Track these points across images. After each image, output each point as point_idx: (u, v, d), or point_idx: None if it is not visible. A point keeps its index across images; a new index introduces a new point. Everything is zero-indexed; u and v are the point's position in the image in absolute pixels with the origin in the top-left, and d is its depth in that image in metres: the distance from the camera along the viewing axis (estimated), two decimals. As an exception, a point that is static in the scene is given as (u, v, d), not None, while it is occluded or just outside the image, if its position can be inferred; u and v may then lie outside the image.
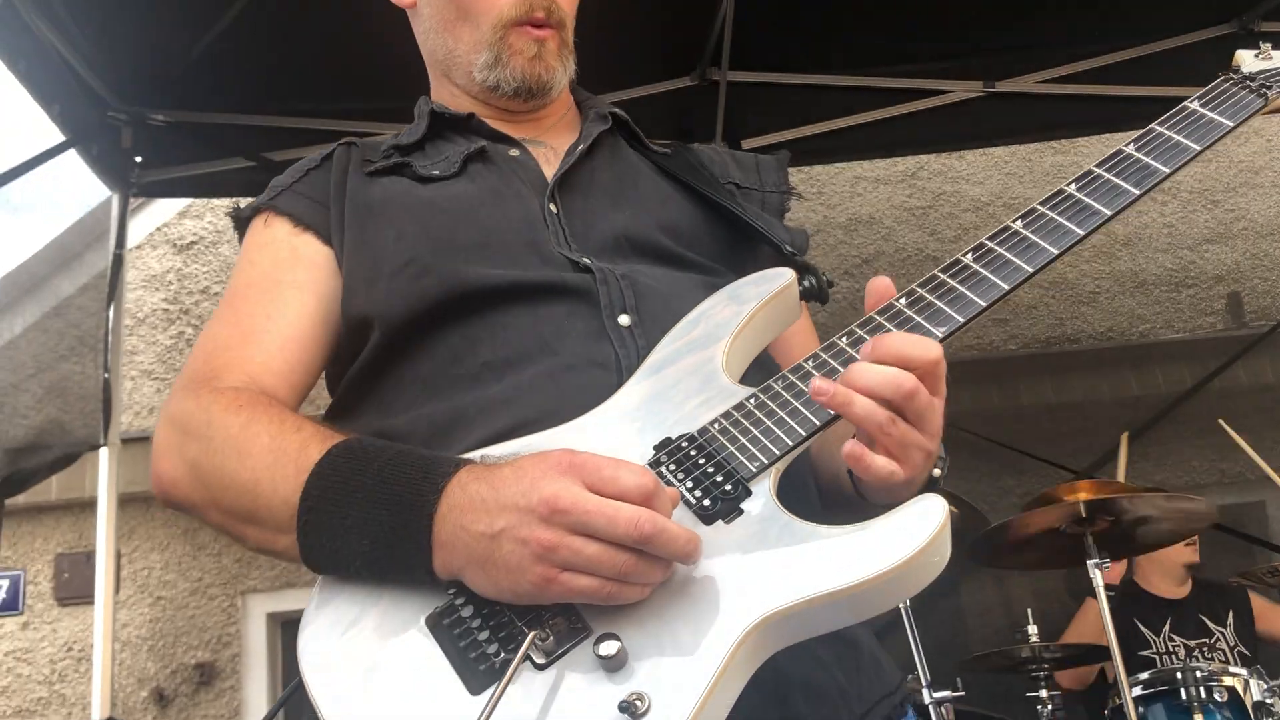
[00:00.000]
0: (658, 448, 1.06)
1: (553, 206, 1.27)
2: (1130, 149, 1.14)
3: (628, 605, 0.95)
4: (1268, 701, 2.86)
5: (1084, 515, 2.99)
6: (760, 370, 1.16)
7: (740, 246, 1.32)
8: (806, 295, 1.21)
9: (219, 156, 3.97)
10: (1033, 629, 3.26)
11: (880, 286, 1.08)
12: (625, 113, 1.45)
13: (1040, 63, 4.19)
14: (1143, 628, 3.86)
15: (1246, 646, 3.77)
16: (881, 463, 0.99)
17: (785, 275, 1.18)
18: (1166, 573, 4.03)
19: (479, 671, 0.95)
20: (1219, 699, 2.89)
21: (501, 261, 1.20)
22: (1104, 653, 3.05)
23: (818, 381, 1.00)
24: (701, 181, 1.35)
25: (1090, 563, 2.95)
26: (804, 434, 1.03)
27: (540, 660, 0.94)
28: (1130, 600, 3.98)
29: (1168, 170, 1.12)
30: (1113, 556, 3.10)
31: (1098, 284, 5.41)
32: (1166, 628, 3.85)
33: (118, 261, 3.93)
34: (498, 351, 1.17)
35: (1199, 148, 1.13)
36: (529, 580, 0.92)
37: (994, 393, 5.17)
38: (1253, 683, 2.93)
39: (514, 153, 1.34)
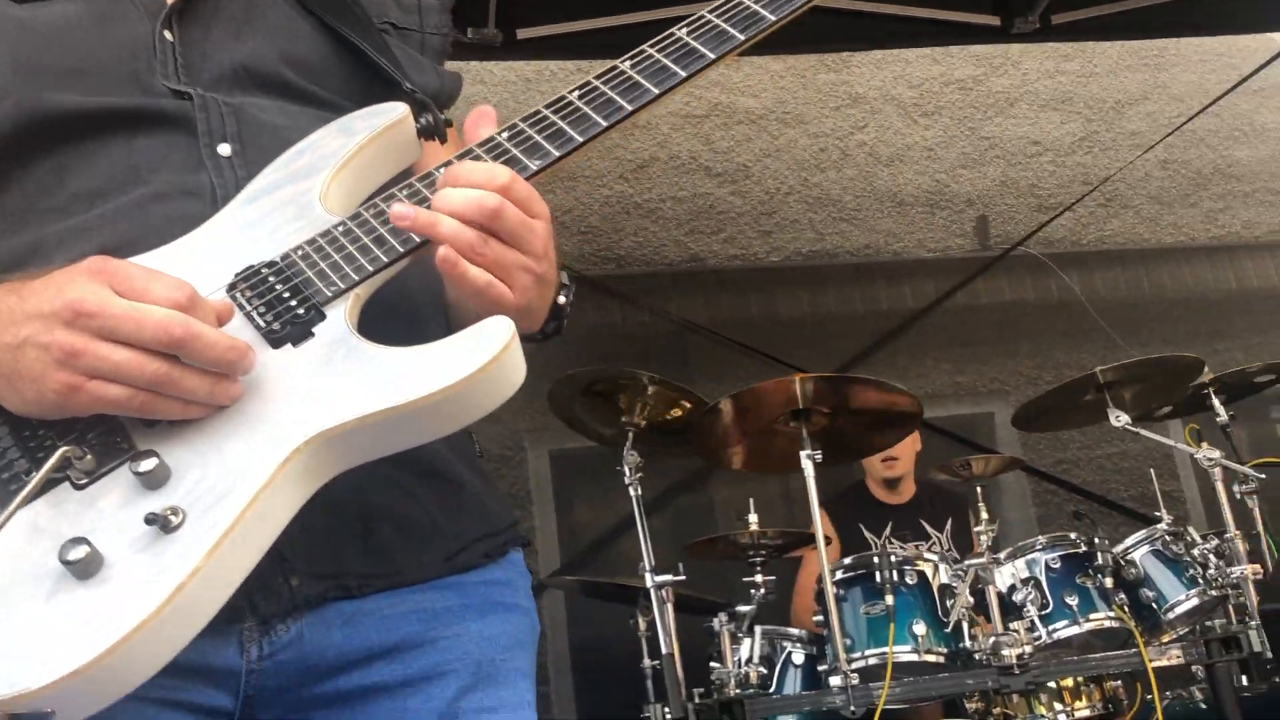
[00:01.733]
0: (239, 274, 1.02)
1: (167, 34, 1.19)
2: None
3: (178, 425, 0.93)
4: (952, 584, 3.09)
5: (800, 406, 3.14)
6: None
7: (378, 86, 1.28)
8: (424, 133, 1.19)
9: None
10: (753, 517, 3.41)
11: (478, 116, 1.07)
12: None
13: (817, -25, 4.25)
14: (865, 532, 4.09)
15: (960, 551, 4.03)
16: (476, 273, 0.99)
17: (398, 110, 1.15)
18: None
19: (10, 491, 0.90)
20: (910, 582, 3.10)
21: (95, 88, 1.12)
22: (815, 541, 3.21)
23: (398, 207, 1.00)
24: (345, 19, 1.30)
25: (803, 454, 3.09)
26: (385, 260, 1.02)
27: (81, 480, 0.91)
28: (856, 504, 4.24)
29: (774, 17, 1.15)
30: (832, 458, 3.28)
31: (859, 202, 5.61)
32: (887, 531, 4.09)
33: None
34: (87, 183, 1.10)
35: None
36: (53, 389, 0.88)
37: (753, 301, 5.34)
38: (941, 567, 3.16)
39: None
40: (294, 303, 0.99)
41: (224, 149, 1.12)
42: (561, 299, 1.13)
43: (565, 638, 4.65)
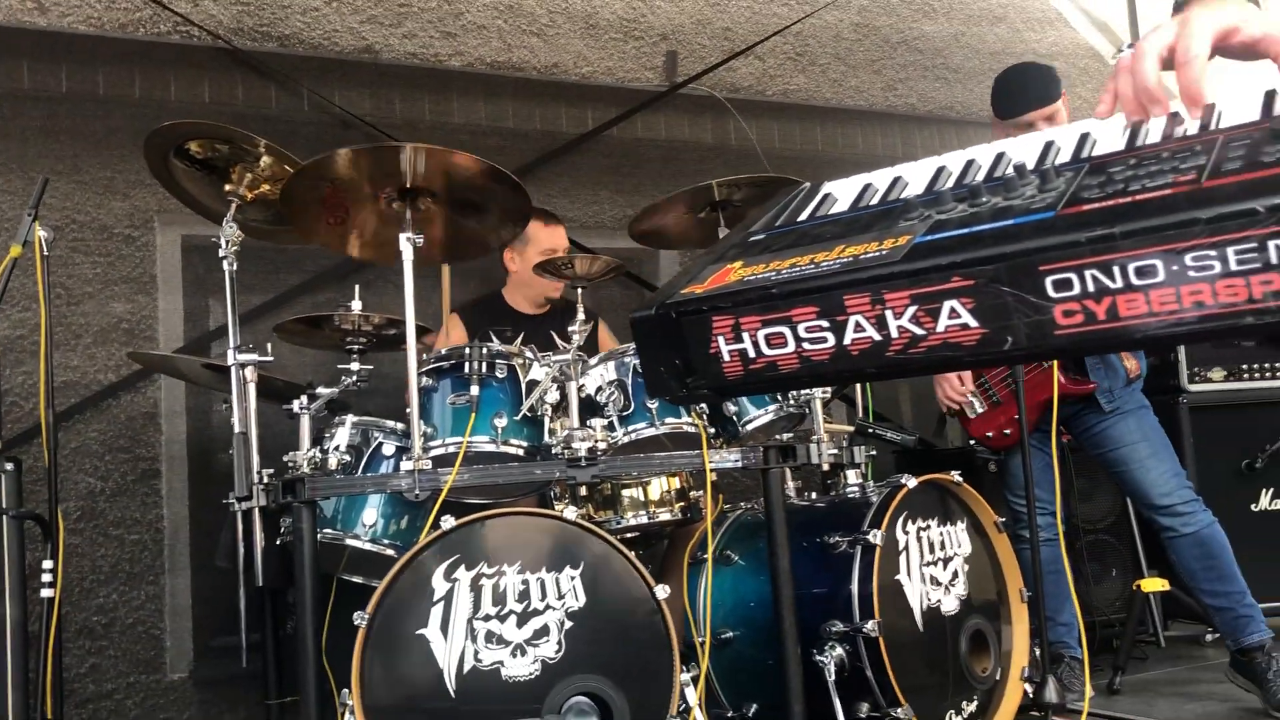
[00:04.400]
0: None
1: None
2: None
3: None
4: (538, 380, 3.08)
5: (408, 186, 3.01)
6: None
7: None
8: None
9: None
10: (356, 304, 3.26)
11: None
12: None
13: None
14: (495, 337, 4.04)
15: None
16: None
17: None
18: (530, 299, 4.27)
19: None
20: (500, 375, 3.07)
21: None
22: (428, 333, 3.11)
23: None
24: None
25: (403, 236, 2.96)
26: None
27: None
28: (490, 312, 4.20)
29: None
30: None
31: (552, 18, 5.42)
32: (519, 340, 4.06)
33: None
34: None
35: None
36: None
37: (426, 104, 5.09)
38: (534, 364, 3.14)
39: None
40: None
41: None
42: None
43: (183, 427, 4.39)
